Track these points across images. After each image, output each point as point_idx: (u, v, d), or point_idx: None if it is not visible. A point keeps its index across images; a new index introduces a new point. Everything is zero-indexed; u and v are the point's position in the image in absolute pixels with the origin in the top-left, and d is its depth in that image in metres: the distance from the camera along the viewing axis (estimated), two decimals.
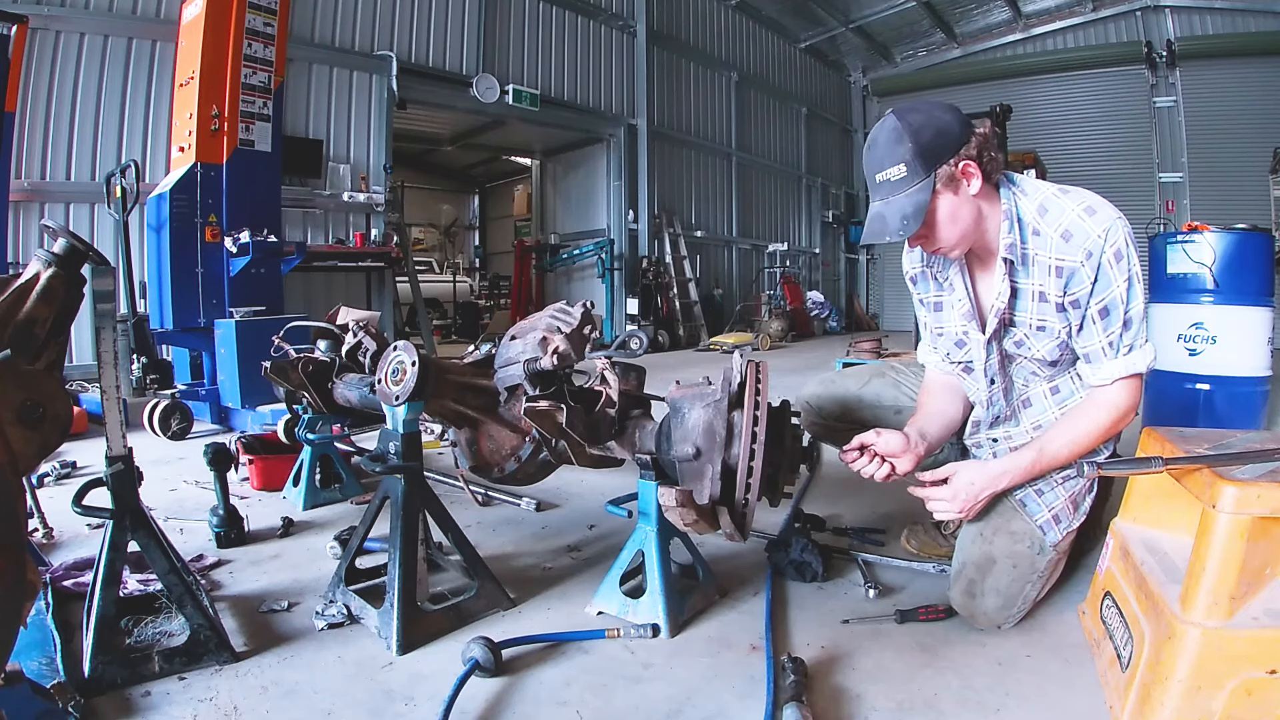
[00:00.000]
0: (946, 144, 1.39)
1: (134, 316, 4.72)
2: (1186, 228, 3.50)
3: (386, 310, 7.42)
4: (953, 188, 1.42)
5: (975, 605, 1.58)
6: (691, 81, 11.17)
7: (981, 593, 1.57)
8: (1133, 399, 1.51)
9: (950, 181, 1.41)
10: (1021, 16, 12.63)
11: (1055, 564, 1.61)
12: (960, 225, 1.45)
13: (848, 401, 1.97)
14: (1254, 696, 1.10)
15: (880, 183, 1.43)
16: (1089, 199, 1.48)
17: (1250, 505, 1.09)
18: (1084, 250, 1.42)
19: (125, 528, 1.42)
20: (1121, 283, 1.43)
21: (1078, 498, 1.59)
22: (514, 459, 1.80)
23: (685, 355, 8.68)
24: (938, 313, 1.71)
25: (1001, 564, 1.56)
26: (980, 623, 1.59)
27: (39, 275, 1.24)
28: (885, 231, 1.42)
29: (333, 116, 7.06)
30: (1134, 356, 1.48)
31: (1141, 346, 1.48)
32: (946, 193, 1.42)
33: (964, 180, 1.42)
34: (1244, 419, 3.30)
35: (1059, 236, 1.44)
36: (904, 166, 1.39)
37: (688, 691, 1.36)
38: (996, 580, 1.56)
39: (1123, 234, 1.44)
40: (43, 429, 1.04)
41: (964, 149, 1.40)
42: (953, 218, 1.44)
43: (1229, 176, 10.53)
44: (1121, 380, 1.49)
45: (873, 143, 1.45)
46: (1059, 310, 1.49)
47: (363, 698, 1.34)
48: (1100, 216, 1.44)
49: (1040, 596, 1.64)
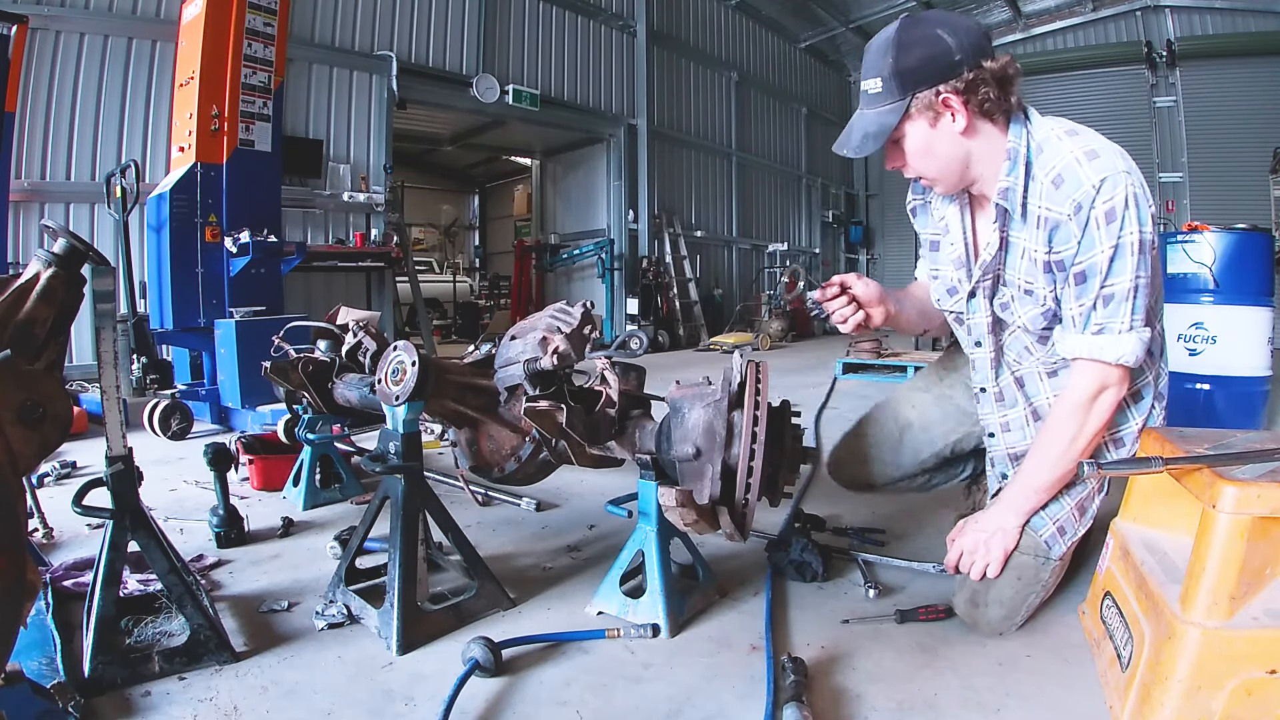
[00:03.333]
0: (932, 70, 1.26)
1: (134, 316, 4.72)
2: (1186, 228, 3.51)
3: (386, 310, 7.42)
4: (929, 118, 1.30)
5: (979, 615, 1.57)
6: (691, 81, 11.18)
7: (985, 603, 1.56)
8: (1094, 387, 1.35)
9: (927, 110, 1.29)
10: (1021, 16, 12.64)
11: (1058, 572, 1.59)
12: (937, 161, 1.35)
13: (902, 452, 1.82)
14: (1254, 696, 1.10)
15: (862, 92, 1.33)
16: (1096, 142, 1.31)
17: (1250, 505, 1.09)
18: (1073, 201, 1.27)
19: (125, 528, 1.42)
20: (1107, 248, 1.26)
21: (1085, 503, 1.54)
22: (514, 459, 1.80)
23: (685, 355, 8.68)
24: (934, 252, 1.60)
25: (1006, 576, 1.53)
26: (983, 630, 1.58)
27: (39, 275, 1.24)
28: (846, 145, 1.35)
29: (333, 116, 7.06)
30: (1103, 340, 1.32)
31: (1120, 332, 1.30)
32: (921, 121, 1.31)
33: (944, 113, 1.30)
34: (1244, 419, 3.30)
35: (1049, 182, 1.30)
36: (879, 82, 1.29)
37: (688, 691, 1.36)
38: (1000, 592, 1.54)
39: (1125, 190, 1.26)
40: (43, 429, 1.04)
41: (952, 80, 1.26)
42: (926, 150, 1.34)
43: (1229, 176, 10.54)
44: (1083, 361, 1.35)
45: (869, 47, 1.33)
46: (1045, 271, 1.35)
47: (363, 698, 1.34)
48: (1101, 163, 1.27)
49: (1042, 602, 1.64)
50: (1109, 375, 1.36)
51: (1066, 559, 1.60)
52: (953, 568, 1.57)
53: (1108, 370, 1.35)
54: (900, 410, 1.88)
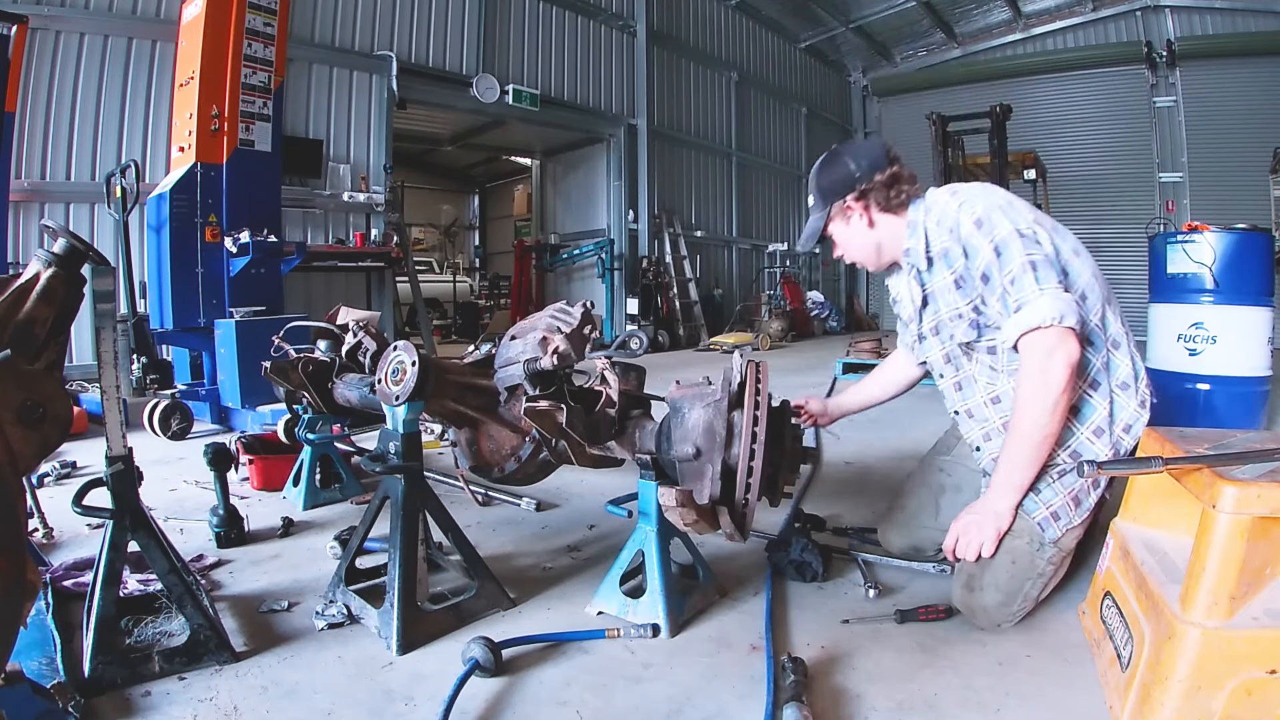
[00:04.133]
0: (839, 188, 1.71)
1: (134, 316, 4.72)
2: (1186, 228, 3.50)
3: (386, 310, 7.42)
4: (843, 219, 1.74)
5: (974, 600, 1.58)
6: (691, 81, 11.18)
7: (980, 587, 1.58)
8: (1038, 354, 1.45)
9: (841, 214, 1.74)
10: (1021, 16, 12.63)
11: (1059, 563, 1.60)
12: (854, 248, 1.78)
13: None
14: (1254, 696, 1.10)
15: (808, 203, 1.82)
16: (961, 187, 1.68)
17: (1250, 505, 1.09)
18: (948, 229, 1.60)
19: (125, 528, 1.42)
20: (988, 246, 1.52)
21: (1079, 494, 1.58)
22: (514, 459, 1.80)
23: (685, 355, 8.68)
24: (897, 305, 1.92)
25: (1000, 559, 1.57)
26: (980, 620, 1.59)
27: (39, 275, 1.24)
28: (800, 242, 1.86)
29: (333, 116, 7.06)
30: (1025, 312, 1.46)
31: (1035, 300, 1.45)
32: (839, 221, 1.75)
33: (850, 214, 1.72)
34: (1244, 419, 3.30)
35: (935, 225, 1.65)
36: (812, 197, 1.78)
37: (688, 691, 1.36)
38: (995, 576, 1.57)
39: (983, 205, 1.57)
40: (43, 429, 1.04)
41: (851, 194, 1.70)
42: (845, 242, 1.78)
43: (1229, 176, 10.53)
44: (1023, 339, 1.47)
45: (810, 173, 1.81)
46: (957, 288, 1.62)
47: (363, 698, 1.34)
48: (960, 195, 1.64)
49: (1042, 596, 1.64)
50: (1046, 338, 1.46)
51: (1068, 552, 1.60)
52: (950, 552, 1.60)
53: (1043, 335, 1.46)
54: (931, 478, 1.98)
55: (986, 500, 1.58)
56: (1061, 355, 1.45)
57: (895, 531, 1.97)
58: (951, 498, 1.91)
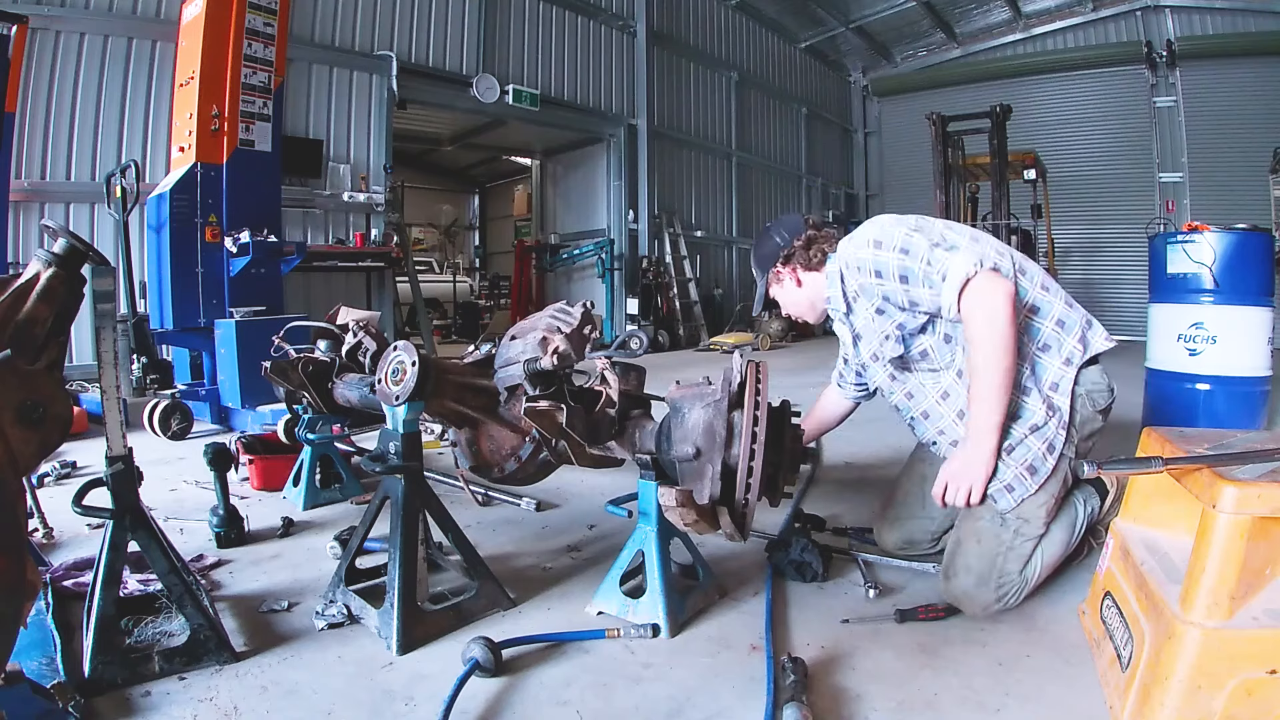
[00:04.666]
0: (770, 258, 1.94)
1: (134, 316, 4.72)
2: (1186, 228, 3.50)
3: (386, 310, 7.42)
4: (778, 283, 1.97)
5: (954, 587, 1.65)
6: (691, 81, 11.17)
7: (955, 572, 1.65)
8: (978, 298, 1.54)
9: (775, 278, 1.96)
10: (1021, 16, 12.62)
11: (1033, 536, 1.64)
12: (792, 305, 1.99)
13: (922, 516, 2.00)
14: (1254, 696, 1.10)
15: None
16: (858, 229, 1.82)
17: (1250, 505, 1.09)
18: (855, 267, 1.73)
19: (125, 528, 1.42)
20: (894, 254, 1.64)
21: (1034, 463, 1.61)
22: (514, 459, 1.80)
23: (685, 355, 8.68)
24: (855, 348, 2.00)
25: (966, 541, 1.67)
26: (968, 606, 1.63)
27: (39, 275, 1.24)
28: (755, 308, 2.10)
29: (333, 116, 7.06)
30: (949, 276, 1.56)
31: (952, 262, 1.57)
32: (775, 285, 1.97)
33: (781, 277, 1.95)
34: (1244, 419, 3.30)
35: (847, 268, 1.78)
36: (755, 268, 2.01)
37: (688, 691, 1.36)
38: (965, 558, 1.65)
39: (872, 229, 1.74)
40: (43, 429, 1.04)
41: (776, 263, 1.93)
42: (785, 302, 2.00)
43: (1229, 176, 10.52)
44: (962, 296, 1.56)
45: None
46: (879, 313, 1.74)
47: (363, 698, 1.34)
48: (854, 234, 1.81)
49: (1035, 577, 1.66)
50: (977, 284, 1.55)
51: (1035, 524, 1.63)
52: (939, 498, 1.67)
53: (973, 284, 1.55)
54: (915, 468, 2.06)
55: (966, 447, 1.63)
56: (998, 292, 1.53)
57: (888, 528, 2.02)
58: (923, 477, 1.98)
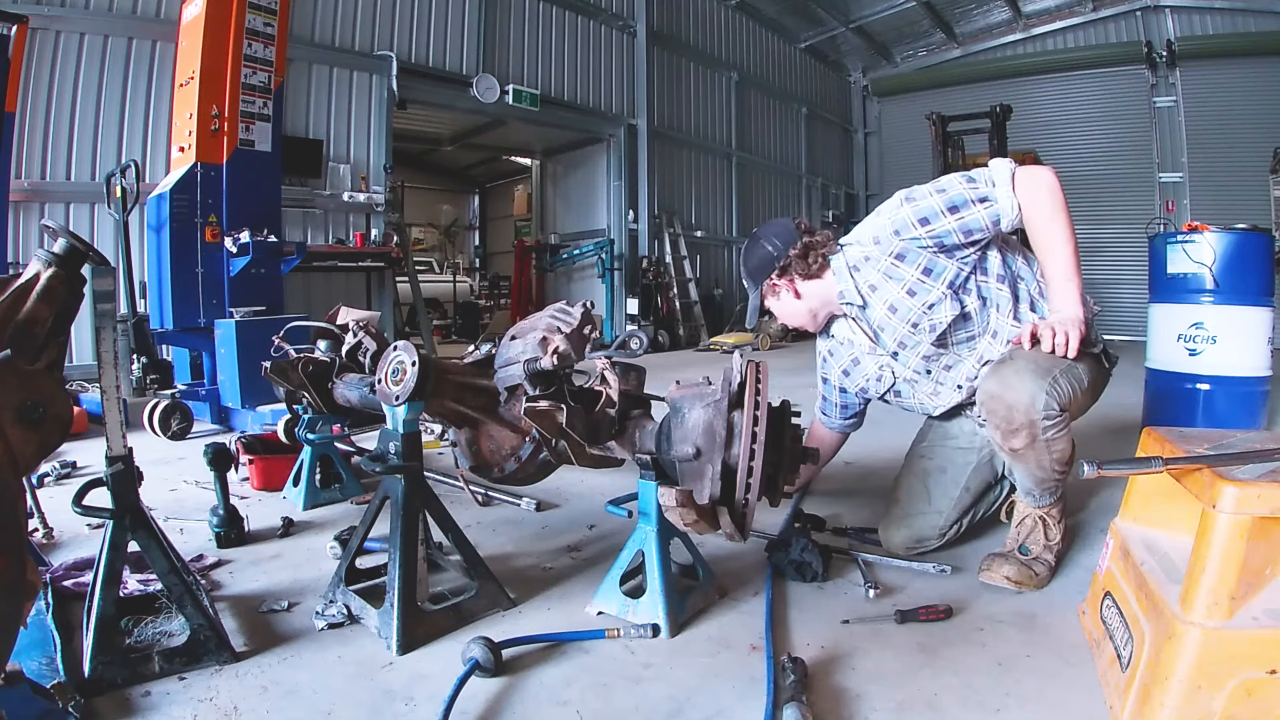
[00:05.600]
0: (762, 270, 1.91)
1: (134, 316, 4.72)
2: (1186, 228, 3.50)
3: (386, 310, 7.42)
4: (774, 295, 1.94)
5: (1007, 372, 1.68)
6: (691, 81, 11.17)
7: (1002, 372, 1.69)
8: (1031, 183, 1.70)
9: (771, 290, 1.93)
10: (1021, 16, 12.62)
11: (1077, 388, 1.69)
12: (790, 316, 1.97)
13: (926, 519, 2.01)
14: (1254, 696, 1.10)
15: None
16: (880, 206, 1.87)
17: (1250, 505, 1.09)
18: (891, 232, 1.79)
19: (125, 528, 1.42)
20: (934, 198, 1.73)
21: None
22: (514, 459, 1.80)
23: (685, 355, 8.68)
24: (856, 367, 2.04)
25: (1016, 355, 1.71)
26: (1014, 394, 1.63)
27: (39, 275, 1.24)
28: (747, 320, 2.06)
29: (333, 116, 7.06)
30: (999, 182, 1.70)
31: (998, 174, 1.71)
32: (770, 297, 1.94)
33: (778, 288, 1.92)
34: (1244, 419, 3.30)
35: (872, 243, 1.83)
36: (746, 280, 1.96)
37: (688, 691, 1.36)
38: (1017, 361, 1.68)
39: (889, 205, 1.83)
40: (43, 429, 1.04)
41: (772, 274, 1.89)
42: (781, 313, 1.97)
43: (1229, 176, 10.51)
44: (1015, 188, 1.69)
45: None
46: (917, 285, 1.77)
47: (363, 698, 1.34)
48: (883, 209, 1.85)
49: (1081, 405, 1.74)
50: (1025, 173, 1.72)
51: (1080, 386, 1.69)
52: (1030, 339, 1.67)
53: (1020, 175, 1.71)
54: (915, 466, 2.08)
55: (1054, 308, 1.73)
56: (1046, 171, 1.73)
57: (894, 528, 2.00)
58: (938, 478, 2.01)
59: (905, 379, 1.96)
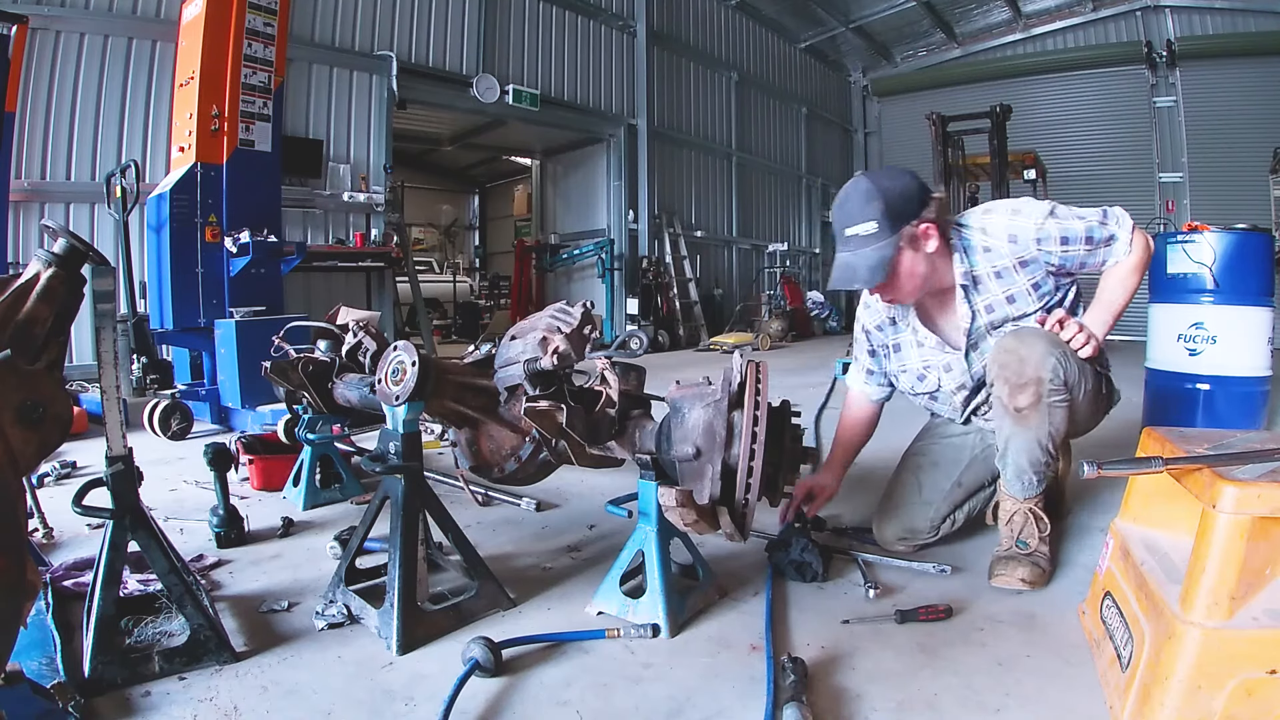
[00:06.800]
0: (912, 207, 1.61)
1: (134, 316, 4.72)
2: (1186, 228, 3.50)
3: (386, 310, 7.42)
4: (914, 245, 1.64)
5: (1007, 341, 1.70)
6: (691, 81, 11.18)
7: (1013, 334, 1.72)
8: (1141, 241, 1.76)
9: (912, 240, 1.64)
10: (1021, 16, 12.62)
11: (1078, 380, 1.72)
12: (917, 278, 1.70)
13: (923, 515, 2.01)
14: (1254, 696, 1.10)
15: (849, 236, 1.63)
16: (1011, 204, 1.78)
17: (1250, 505, 1.09)
18: (1033, 238, 1.70)
19: (125, 528, 1.42)
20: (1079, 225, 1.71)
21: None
22: (514, 459, 1.80)
23: (685, 355, 8.68)
24: (897, 354, 1.95)
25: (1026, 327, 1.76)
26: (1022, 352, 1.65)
27: (39, 275, 1.24)
28: (854, 280, 1.65)
29: (333, 116, 7.07)
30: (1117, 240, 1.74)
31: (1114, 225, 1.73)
32: (908, 249, 1.64)
33: (924, 240, 1.65)
34: (1244, 419, 3.30)
35: (1006, 240, 1.72)
36: (874, 224, 1.58)
37: (688, 691, 1.36)
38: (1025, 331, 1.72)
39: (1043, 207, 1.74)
40: (43, 429, 1.04)
41: (925, 211, 1.62)
42: (911, 272, 1.69)
43: (1229, 176, 10.52)
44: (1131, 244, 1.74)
45: (845, 199, 1.63)
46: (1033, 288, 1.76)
47: (363, 698, 1.34)
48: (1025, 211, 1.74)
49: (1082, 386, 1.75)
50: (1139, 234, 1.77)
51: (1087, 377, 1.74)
52: (1053, 322, 1.67)
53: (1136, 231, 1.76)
54: (910, 462, 2.09)
55: (1090, 321, 1.74)
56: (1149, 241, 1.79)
57: (886, 521, 2.01)
58: (930, 472, 2.02)
59: (958, 385, 1.91)
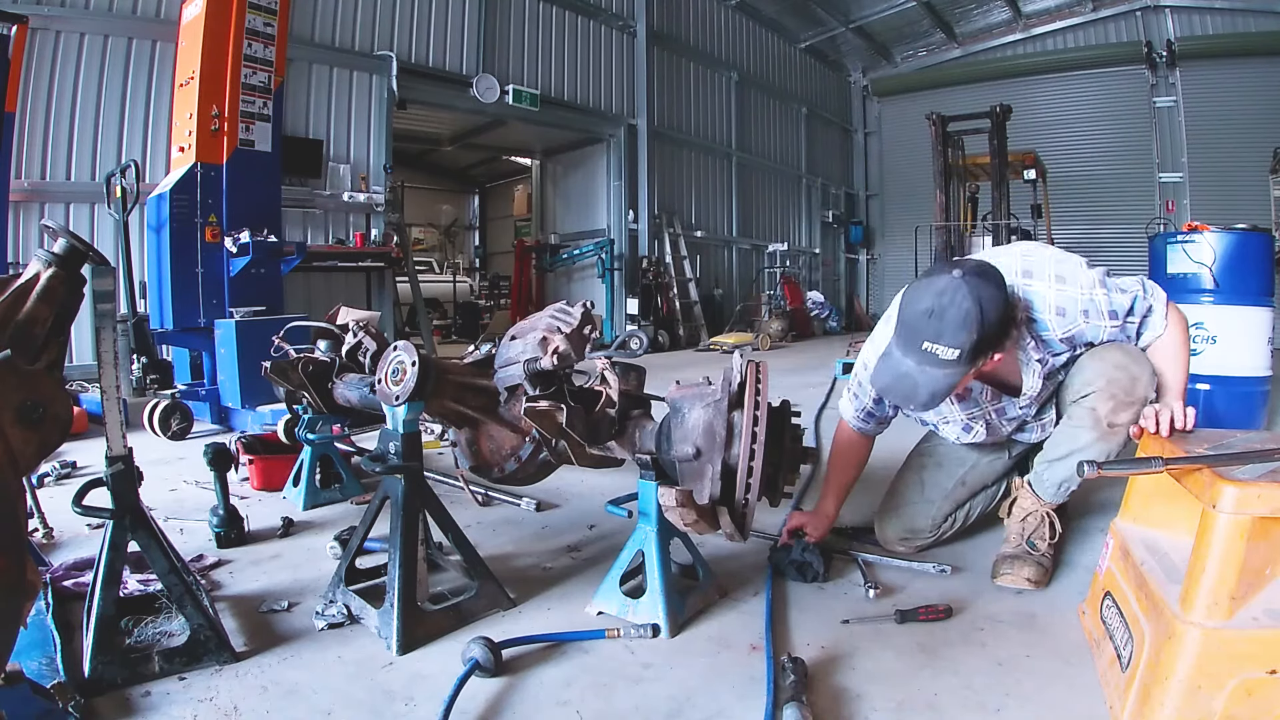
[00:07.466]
0: (998, 337, 1.51)
1: (134, 316, 4.72)
2: (1186, 228, 3.51)
3: (386, 310, 7.42)
4: (980, 366, 1.53)
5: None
6: (691, 81, 11.18)
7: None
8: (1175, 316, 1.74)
9: (990, 363, 1.55)
10: (1021, 16, 12.63)
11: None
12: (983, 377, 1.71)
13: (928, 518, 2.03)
14: (1254, 696, 1.10)
15: (925, 350, 1.46)
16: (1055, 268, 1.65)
17: (1250, 505, 1.09)
18: (1080, 311, 1.63)
19: (125, 528, 1.42)
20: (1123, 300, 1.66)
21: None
22: (514, 459, 1.80)
23: (685, 355, 8.68)
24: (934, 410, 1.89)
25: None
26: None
27: (39, 275, 1.24)
28: (912, 400, 1.54)
29: (333, 116, 7.06)
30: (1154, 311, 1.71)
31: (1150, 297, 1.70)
32: (972, 370, 1.52)
33: (990, 362, 1.56)
34: (1244, 419, 3.30)
35: (1055, 314, 1.64)
36: (958, 353, 1.44)
37: (688, 691, 1.36)
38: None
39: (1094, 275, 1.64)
40: (43, 429, 1.04)
41: (1007, 341, 1.55)
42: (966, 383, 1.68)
43: (1229, 176, 10.53)
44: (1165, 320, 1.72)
45: (940, 310, 1.44)
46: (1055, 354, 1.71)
47: (363, 698, 1.34)
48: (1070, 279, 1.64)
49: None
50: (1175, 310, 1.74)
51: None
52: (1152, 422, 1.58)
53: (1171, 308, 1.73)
54: (913, 462, 2.12)
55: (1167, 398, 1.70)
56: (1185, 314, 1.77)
57: (888, 520, 2.03)
58: (933, 472, 2.05)
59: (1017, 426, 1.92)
